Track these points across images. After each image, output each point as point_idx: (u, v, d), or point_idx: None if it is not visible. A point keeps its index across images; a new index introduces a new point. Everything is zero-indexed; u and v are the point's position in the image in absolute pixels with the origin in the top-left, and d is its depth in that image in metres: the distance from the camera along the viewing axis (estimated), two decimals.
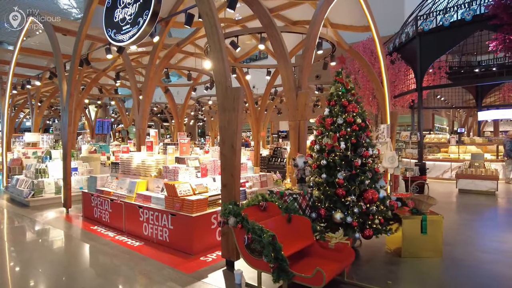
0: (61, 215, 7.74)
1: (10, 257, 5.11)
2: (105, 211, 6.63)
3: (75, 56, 7.59)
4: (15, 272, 4.67)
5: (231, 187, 4.42)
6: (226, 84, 4.44)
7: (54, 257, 5.20)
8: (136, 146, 9.30)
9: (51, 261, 5.01)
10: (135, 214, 5.90)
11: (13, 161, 11.29)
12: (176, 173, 5.78)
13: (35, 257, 5.08)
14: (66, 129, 7.73)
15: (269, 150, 13.85)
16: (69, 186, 7.82)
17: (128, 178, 6.63)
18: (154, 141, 6.83)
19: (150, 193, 5.94)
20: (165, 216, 5.35)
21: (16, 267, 4.81)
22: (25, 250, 5.42)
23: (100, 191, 6.88)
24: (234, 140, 4.38)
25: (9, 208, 8.56)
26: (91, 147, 15.91)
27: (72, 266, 4.81)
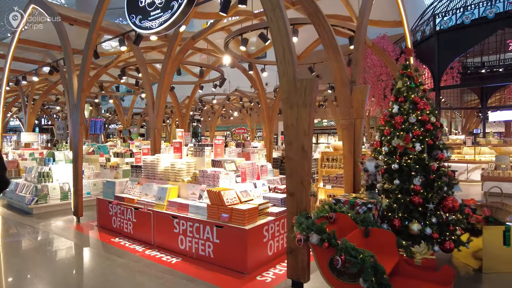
0: (72, 224, 6.91)
1: (20, 279, 4.31)
2: (128, 221, 5.86)
3: (88, 47, 6.78)
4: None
5: (300, 196, 3.76)
6: (293, 75, 3.79)
7: (79, 279, 4.42)
8: (151, 148, 8.54)
9: (77, 285, 4.23)
10: (167, 225, 5.17)
11: (8, 164, 10.29)
12: (216, 178, 5.08)
13: (53, 279, 4.29)
14: (77, 128, 6.91)
15: (281, 152, 13.22)
16: (80, 192, 6.99)
17: (154, 183, 5.88)
18: (182, 142, 6.09)
19: (185, 200, 5.22)
20: (209, 228, 4.65)
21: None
22: (38, 269, 4.62)
23: (120, 198, 6.10)
24: (304, 141, 3.73)
25: (10, 217, 7.65)
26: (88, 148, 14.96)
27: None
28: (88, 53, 6.77)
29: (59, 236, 6.17)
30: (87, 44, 6.83)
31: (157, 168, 6.01)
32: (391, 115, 4.65)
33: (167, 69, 8.11)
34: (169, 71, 8.20)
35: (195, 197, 5.25)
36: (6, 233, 6.48)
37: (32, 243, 5.92)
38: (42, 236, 6.23)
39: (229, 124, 30.20)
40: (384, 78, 14.44)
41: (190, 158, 5.94)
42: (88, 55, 6.78)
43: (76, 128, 6.91)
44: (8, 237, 6.19)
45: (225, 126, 30.87)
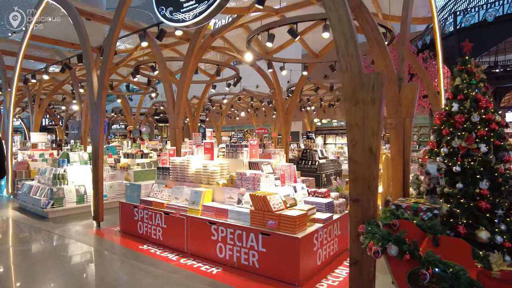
0: (92, 229, 6.54)
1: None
2: (157, 226, 5.49)
3: (110, 42, 6.42)
4: None
5: (367, 203, 3.42)
6: (358, 69, 3.45)
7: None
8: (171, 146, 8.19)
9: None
10: (204, 232, 4.81)
11: (19, 165, 9.90)
12: (257, 181, 4.73)
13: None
14: (98, 128, 6.54)
15: (297, 152, 12.87)
16: (101, 196, 6.62)
17: (185, 186, 5.53)
18: (213, 143, 5.73)
19: (223, 205, 4.86)
20: (253, 236, 4.29)
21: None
22: (62, 279, 4.25)
23: (147, 202, 5.74)
24: (372, 142, 3.39)
25: (25, 221, 7.27)
26: None
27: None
28: (110, 49, 6.40)
29: (81, 243, 5.80)
30: (108, 40, 6.47)
31: (187, 170, 5.65)
32: (449, 113, 4.31)
33: (188, 67, 7.77)
34: (191, 68, 7.86)
35: (233, 201, 4.89)
36: (23, 240, 6.10)
37: (52, 251, 5.54)
38: (62, 243, 5.85)
39: (234, 124, 29.83)
40: None
41: (222, 160, 5.59)
42: (110, 51, 6.42)
43: (96, 127, 6.54)
44: (26, 244, 5.82)
45: (230, 126, 30.50)
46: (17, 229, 6.79)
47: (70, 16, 7.12)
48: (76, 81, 11.52)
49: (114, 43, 6.41)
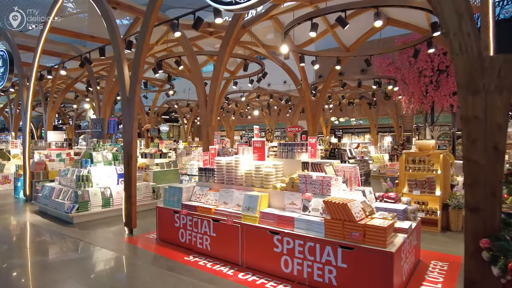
0: (123, 237, 5.97)
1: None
2: (203, 235, 4.91)
3: (145, 32, 5.83)
4: None
5: (491, 213, 2.82)
6: (478, 50, 2.86)
7: None
8: (203, 148, 7.63)
9: None
10: (264, 243, 4.23)
11: (36, 165, 9.34)
12: (326, 185, 4.14)
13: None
14: (131, 124, 5.96)
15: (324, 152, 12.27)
16: (134, 200, 6.04)
17: (234, 189, 4.94)
18: (264, 142, 5.13)
19: (286, 212, 4.27)
20: (330, 250, 3.70)
21: None
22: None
23: (190, 207, 5.16)
24: (498, 139, 2.79)
25: (49, 227, 6.70)
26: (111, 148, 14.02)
27: None
28: (145, 38, 5.82)
29: (117, 253, 5.23)
30: (143, 30, 5.88)
31: (236, 172, 5.06)
32: None
33: (223, 60, 7.19)
34: (225, 62, 7.28)
35: (296, 208, 4.30)
36: (52, 250, 5.52)
37: (87, 263, 4.96)
38: (96, 254, 5.27)
39: (245, 123, 29.25)
40: (428, 74, 13.48)
41: (276, 160, 5.00)
42: (145, 41, 5.83)
43: (129, 123, 5.96)
44: (56, 255, 5.24)
45: (241, 125, 29.91)
46: (43, 237, 6.21)
47: (97, 3, 6.54)
48: (93, 77, 10.95)
49: (150, 31, 5.82)
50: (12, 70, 10.07)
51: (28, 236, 6.26)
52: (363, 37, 10.26)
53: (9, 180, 11.29)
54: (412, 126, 21.34)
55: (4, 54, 10.17)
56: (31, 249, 5.47)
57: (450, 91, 13.55)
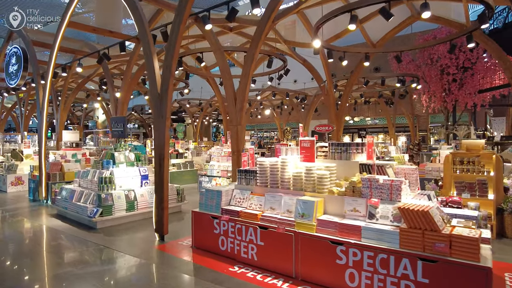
0: (155, 244, 5.56)
1: None
2: (249, 243, 4.49)
3: (179, 22, 5.42)
4: None
5: None
6: None
7: None
8: (231, 147, 7.22)
9: None
10: (324, 254, 3.81)
11: (52, 166, 8.95)
12: (397, 189, 3.72)
13: None
14: (163, 123, 5.54)
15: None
16: (166, 204, 5.63)
17: (281, 194, 4.52)
18: (314, 141, 4.71)
19: (348, 220, 3.85)
20: (407, 262, 3.28)
21: None
22: None
23: (233, 212, 4.75)
24: None
25: (71, 232, 6.29)
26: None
27: None
28: (179, 31, 5.40)
29: (154, 263, 4.82)
30: (177, 20, 5.46)
31: (282, 175, 4.64)
32: None
33: (254, 56, 6.77)
34: (256, 57, 6.86)
35: (358, 215, 3.88)
36: (77, 257, 5.11)
37: (117, 272, 4.55)
38: (126, 262, 4.86)
39: (254, 123, 28.84)
40: (452, 72, 13.04)
41: (328, 162, 4.57)
42: (179, 34, 5.42)
43: (161, 122, 5.55)
44: (81, 263, 4.83)
45: (250, 125, 29.50)
46: (67, 244, 5.79)
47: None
48: (109, 74, 10.55)
49: (184, 22, 5.41)
50: (26, 67, 9.71)
51: (50, 243, 5.84)
52: (390, 33, 9.82)
53: (22, 181, 10.90)
54: (427, 125, 20.90)
55: (18, 51, 9.81)
56: (55, 257, 5.07)
57: (475, 89, 13.11)
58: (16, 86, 10.15)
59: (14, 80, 10.07)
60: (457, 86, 13.23)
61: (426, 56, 13.89)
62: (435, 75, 13.64)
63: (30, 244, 5.81)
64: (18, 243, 5.83)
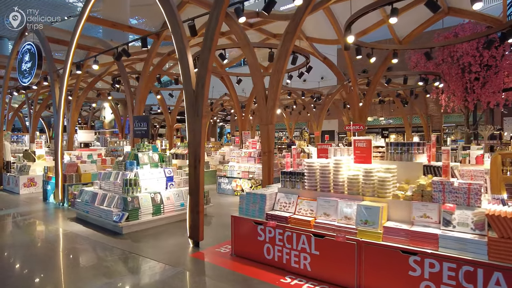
0: (190, 251, 5.20)
1: None
2: (301, 252, 4.13)
3: (218, 13, 5.05)
4: None
5: None
6: None
7: None
8: (262, 147, 6.87)
9: None
10: (393, 264, 3.45)
11: (68, 167, 8.59)
12: (476, 194, 3.36)
13: None
14: (198, 122, 5.19)
15: None
16: (201, 208, 5.27)
17: (335, 198, 4.17)
18: (371, 140, 4.35)
19: (419, 227, 3.49)
20: (500, 277, 2.93)
21: None
22: None
23: (280, 218, 4.39)
24: None
25: (96, 238, 5.92)
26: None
27: None
28: (218, 23, 5.05)
29: (191, 272, 4.46)
30: (215, 11, 5.10)
31: (336, 177, 4.28)
32: None
33: (288, 50, 6.41)
34: (290, 52, 6.49)
35: (430, 221, 3.53)
36: (108, 267, 4.74)
37: (156, 285, 4.19)
38: (164, 272, 4.49)
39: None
40: (475, 70, 12.67)
41: (388, 163, 4.22)
42: (217, 26, 5.06)
43: (196, 121, 5.19)
44: (114, 273, 4.47)
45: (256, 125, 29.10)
46: (94, 252, 5.42)
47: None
48: (124, 72, 10.20)
49: (223, 13, 5.05)
50: (40, 65, 9.35)
51: (76, 251, 5.46)
52: (418, 29, 9.49)
53: (35, 182, 10.54)
54: (441, 126, 20.56)
55: (32, 48, 9.45)
56: (85, 267, 4.71)
57: (499, 87, 12.76)
58: (29, 84, 9.79)
59: (28, 78, 9.71)
60: (479, 84, 12.87)
61: (446, 54, 13.54)
62: (456, 74, 13.28)
63: (54, 252, 5.44)
64: (40, 251, 5.47)
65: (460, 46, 12.67)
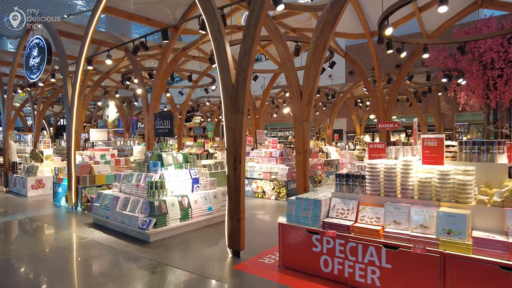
0: (228, 261, 4.71)
1: None
2: (368, 265, 3.66)
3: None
4: None
5: None
6: None
7: None
8: (296, 147, 6.40)
9: None
10: (489, 282, 2.99)
11: (81, 168, 8.06)
12: None
13: None
14: (240, 119, 4.70)
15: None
16: (242, 215, 4.77)
17: (406, 204, 3.70)
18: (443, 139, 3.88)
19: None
20: None
21: None
22: None
23: (339, 226, 3.91)
24: None
25: (121, 247, 5.40)
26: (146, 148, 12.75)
27: None
28: (262, 10, 4.55)
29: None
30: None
31: (405, 180, 3.81)
32: None
33: (327, 42, 5.93)
34: (328, 44, 6.02)
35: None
36: (144, 283, 4.25)
37: None
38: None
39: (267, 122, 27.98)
40: (498, 66, 12.26)
41: (465, 165, 3.74)
42: (262, 14, 4.56)
43: (237, 118, 4.70)
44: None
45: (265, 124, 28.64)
46: (123, 264, 4.90)
47: None
48: (137, 67, 9.67)
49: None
50: (50, 60, 8.79)
51: (101, 262, 4.94)
52: (447, 23, 9.05)
53: (43, 184, 9.99)
54: (453, 124, 20.20)
55: (41, 42, 8.90)
56: (113, 281, 4.20)
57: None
58: (37, 80, 9.23)
59: (36, 74, 9.15)
60: (503, 81, 12.47)
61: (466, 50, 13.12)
62: (477, 70, 12.87)
63: (77, 263, 4.92)
64: (61, 262, 4.94)
65: (484, 42, 12.26)
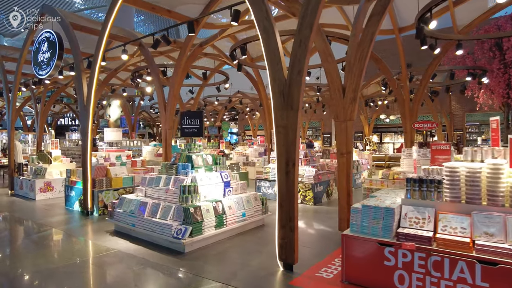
0: (278, 275, 4.25)
1: None
2: (456, 283, 3.23)
3: None
4: None
5: None
6: None
7: None
8: (338, 148, 5.98)
9: None
10: None
11: (97, 171, 7.53)
12: None
13: None
14: (294, 116, 4.24)
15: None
16: (296, 224, 4.30)
17: (497, 213, 3.27)
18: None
19: None
20: None
21: None
22: None
23: (418, 238, 3.47)
24: None
25: (156, 260, 4.88)
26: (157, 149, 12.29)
27: None
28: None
29: None
30: None
31: (494, 185, 3.38)
32: None
33: (374, 34, 5.52)
34: (375, 36, 5.59)
35: None
36: None
37: None
38: None
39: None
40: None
41: None
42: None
43: (292, 116, 4.24)
44: None
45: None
46: (164, 281, 4.41)
47: None
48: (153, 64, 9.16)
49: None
50: (61, 55, 8.23)
51: (139, 280, 4.45)
52: (480, 18, 8.69)
53: (52, 187, 9.41)
54: (464, 124, 19.95)
55: (52, 36, 8.34)
56: None
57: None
58: (47, 76, 8.67)
59: (46, 70, 8.58)
60: None
61: (486, 48, 12.83)
62: (497, 69, 12.57)
63: (110, 279, 4.42)
64: (92, 279, 4.44)
65: (506, 40, 11.95)
